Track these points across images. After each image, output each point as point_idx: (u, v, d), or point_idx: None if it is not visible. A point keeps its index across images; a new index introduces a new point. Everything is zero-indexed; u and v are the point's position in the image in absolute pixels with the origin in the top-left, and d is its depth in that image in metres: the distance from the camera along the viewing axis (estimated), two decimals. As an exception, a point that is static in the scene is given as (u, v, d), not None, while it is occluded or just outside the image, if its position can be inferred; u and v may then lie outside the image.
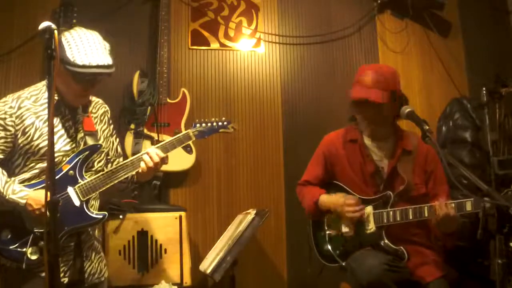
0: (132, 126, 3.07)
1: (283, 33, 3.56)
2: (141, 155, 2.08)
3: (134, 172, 2.10)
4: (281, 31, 3.56)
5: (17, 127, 1.93)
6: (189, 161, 3.13)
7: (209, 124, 2.26)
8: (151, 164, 2.06)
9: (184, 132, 2.20)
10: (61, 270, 1.96)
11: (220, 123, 2.30)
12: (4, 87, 3.05)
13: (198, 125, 2.25)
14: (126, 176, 2.07)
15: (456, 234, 2.18)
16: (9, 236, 1.88)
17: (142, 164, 2.06)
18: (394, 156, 2.29)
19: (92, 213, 1.99)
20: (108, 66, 1.93)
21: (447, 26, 3.78)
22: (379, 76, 2.24)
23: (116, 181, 2.04)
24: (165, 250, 2.74)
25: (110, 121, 2.25)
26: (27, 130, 1.93)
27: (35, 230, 1.87)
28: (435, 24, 3.70)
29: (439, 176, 2.28)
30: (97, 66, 1.90)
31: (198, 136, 2.22)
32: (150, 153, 2.07)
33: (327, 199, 2.33)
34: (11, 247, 1.87)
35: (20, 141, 1.93)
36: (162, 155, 2.09)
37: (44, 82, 2.05)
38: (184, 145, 2.19)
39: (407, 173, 2.25)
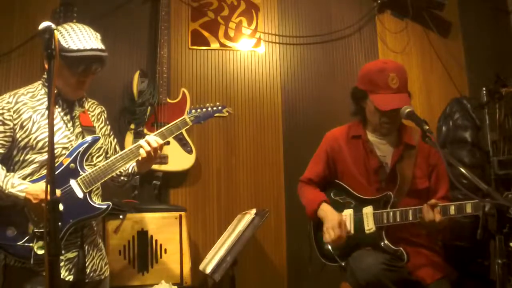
0: (132, 126, 3.08)
1: (283, 33, 3.56)
2: (140, 142, 2.09)
3: (134, 161, 2.12)
4: (281, 31, 3.56)
5: (15, 121, 1.96)
6: (189, 161, 3.13)
7: (204, 109, 2.28)
8: (148, 148, 2.06)
9: (181, 118, 2.20)
10: (66, 268, 1.98)
11: (215, 108, 2.31)
12: (4, 87, 3.06)
13: (193, 110, 2.26)
14: (127, 164, 2.09)
15: (449, 229, 2.18)
16: (15, 233, 1.89)
17: (141, 151, 2.07)
18: (397, 151, 2.29)
19: (96, 203, 2.01)
20: (102, 50, 1.99)
21: (447, 26, 3.78)
22: (403, 77, 2.20)
23: (117, 171, 2.06)
24: (165, 250, 2.74)
25: (107, 121, 2.29)
26: (24, 124, 1.96)
27: (35, 231, 1.88)
28: (435, 24, 3.70)
29: (441, 171, 2.27)
30: (92, 49, 1.95)
31: (194, 121, 2.23)
32: (148, 139, 2.08)
33: (325, 212, 2.28)
34: (18, 243, 1.88)
35: (18, 135, 1.96)
36: (160, 141, 2.10)
37: (40, 82, 2.09)
38: (181, 131, 2.20)
39: (410, 167, 2.25)
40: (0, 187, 1.87)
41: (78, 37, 1.95)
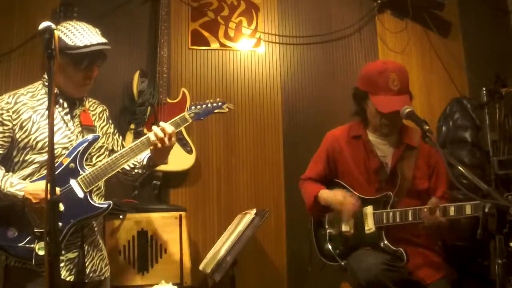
0: (132, 126, 3.08)
1: (283, 33, 3.56)
2: (142, 139, 2.08)
3: (144, 154, 2.12)
4: (281, 31, 3.56)
5: (14, 122, 1.96)
6: (189, 161, 3.13)
7: (204, 106, 2.25)
8: (153, 138, 2.04)
9: (180, 115, 2.18)
10: (67, 268, 1.98)
11: (215, 104, 2.28)
12: (4, 87, 3.05)
13: (193, 107, 2.24)
14: (126, 163, 2.08)
15: (455, 230, 2.18)
16: (15, 234, 1.89)
17: (152, 137, 2.04)
18: (398, 151, 2.29)
19: (96, 203, 2.01)
20: (106, 43, 2.01)
21: (447, 26, 3.78)
22: (404, 79, 2.20)
23: (118, 169, 2.05)
24: (165, 250, 2.74)
25: (110, 120, 2.28)
26: (24, 124, 1.96)
27: (35, 231, 1.88)
28: (435, 24, 3.70)
29: (441, 171, 2.28)
30: (98, 44, 1.97)
31: (194, 118, 2.21)
32: (155, 129, 2.05)
33: (327, 194, 2.31)
34: (19, 244, 1.88)
35: (18, 135, 1.96)
36: (169, 129, 2.06)
37: (40, 82, 2.09)
38: (180, 128, 2.18)
39: (411, 168, 2.25)
40: None
41: (82, 34, 1.97)
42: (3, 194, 1.87)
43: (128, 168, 2.20)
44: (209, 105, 2.27)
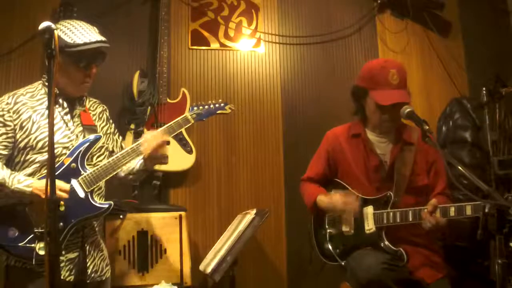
0: (132, 126, 3.08)
1: (283, 33, 3.56)
2: (140, 140, 2.10)
3: (136, 160, 2.12)
4: (281, 31, 3.56)
5: (15, 122, 1.96)
6: (189, 161, 3.13)
7: (206, 107, 2.26)
8: (144, 146, 2.06)
9: (182, 116, 2.19)
10: (67, 268, 1.98)
11: (217, 105, 2.28)
12: (4, 87, 3.05)
13: (195, 108, 2.24)
14: (129, 163, 2.08)
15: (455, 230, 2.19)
16: (16, 234, 1.89)
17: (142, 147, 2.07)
18: (396, 148, 2.29)
19: (97, 203, 2.01)
20: (105, 41, 2.02)
21: (447, 26, 3.78)
22: (403, 74, 2.22)
23: (119, 169, 2.06)
24: (165, 250, 2.74)
25: (111, 120, 2.28)
26: (24, 124, 1.97)
27: (36, 231, 1.88)
28: (435, 24, 3.71)
29: (439, 167, 2.28)
30: (97, 42, 1.98)
31: (196, 119, 2.22)
32: (145, 137, 2.09)
33: (325, 203, 2.32)
34: (19, 244, 1.88)
35: (18, 135, 1.96)
36: (159, 136, 2.08)
37: (40, 81, 2.09)
38: (182, 128, 2.18)
39: (409, 165, 2.25)
40: (7, 183, 1.87)
41: (81, 32, 1.97)
42: (11, 191, 1.88)
43: (122, 174, 2.20)
44: (211, 106, 2.27)
